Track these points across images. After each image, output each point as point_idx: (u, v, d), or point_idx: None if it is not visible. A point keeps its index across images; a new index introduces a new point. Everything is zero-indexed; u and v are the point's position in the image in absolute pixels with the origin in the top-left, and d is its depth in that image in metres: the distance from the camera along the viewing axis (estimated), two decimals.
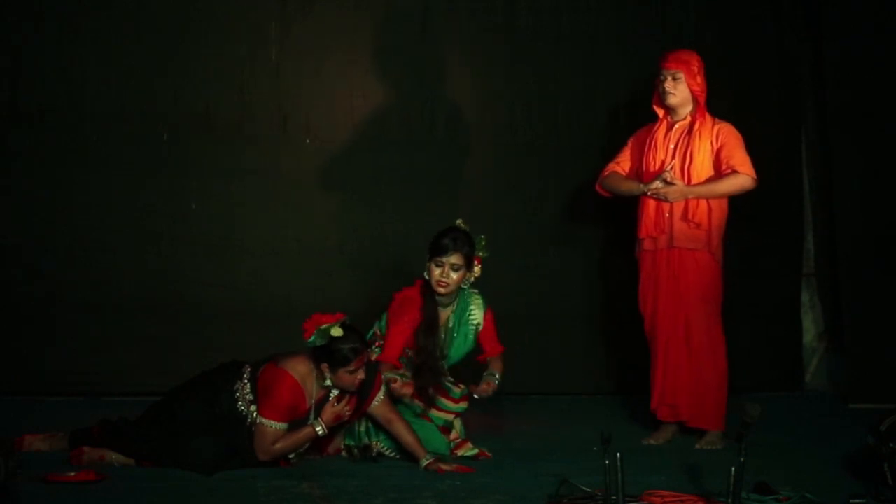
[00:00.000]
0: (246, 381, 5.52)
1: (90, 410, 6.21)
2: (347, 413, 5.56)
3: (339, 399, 5.54)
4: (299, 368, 5.51)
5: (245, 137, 7.47)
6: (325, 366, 5.48)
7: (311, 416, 5.52)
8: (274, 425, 5.41)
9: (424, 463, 5.55)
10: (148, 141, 7.42)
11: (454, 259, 5.84)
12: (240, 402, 5.49)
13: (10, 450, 4.77)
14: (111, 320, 7.35)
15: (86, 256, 7.38)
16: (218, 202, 7.47)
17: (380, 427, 5.73)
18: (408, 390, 5.75)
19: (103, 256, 7.39)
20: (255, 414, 5.45)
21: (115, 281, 7.38)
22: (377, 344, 5.89)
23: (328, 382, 5.50)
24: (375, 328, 5.97)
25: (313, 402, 5.52)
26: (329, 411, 5.50)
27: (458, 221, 5.97)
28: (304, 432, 5.49)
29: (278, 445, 5.45)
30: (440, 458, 5.62)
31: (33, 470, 5.14)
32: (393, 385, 5.70)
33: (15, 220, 7.36)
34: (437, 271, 5.85)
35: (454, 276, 5.86)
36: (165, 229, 7.43)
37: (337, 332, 5.41)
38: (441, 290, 5.86)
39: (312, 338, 5.44)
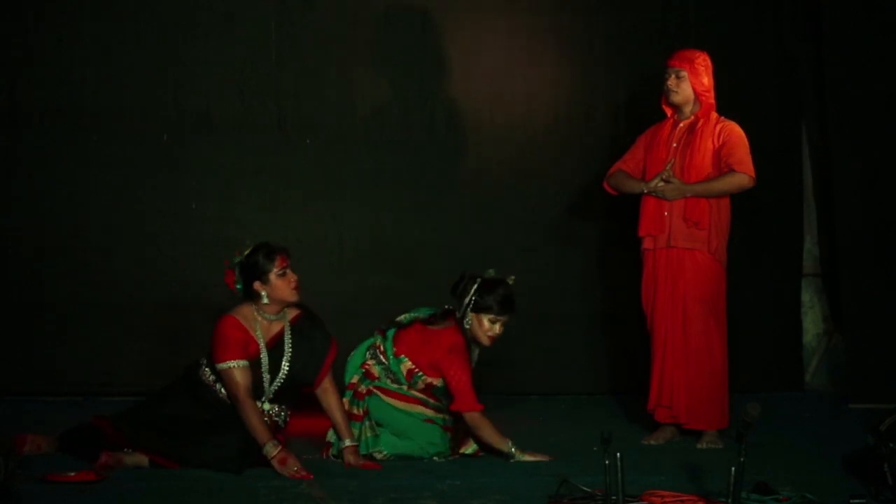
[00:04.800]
0: (205, 367, 5.58)
1: (90, 410, 6.19)
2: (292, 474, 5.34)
3: (297, 462, 5.35)
4: (241, 311, 5.56)
5: (245, 137, 7.48)
6: (256, 284, 5.51)
7: (266, 355, 5.50)
8: (229, 364, 5.43)
9: (343, 446, 5.58)
10: (148, 141, 7.42)
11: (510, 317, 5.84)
12: (211, 386, 5.55)
13: (11, 450, 4.77)
14: (111, 320, 7.35)
15: (85, 256, 7.38)
16: (218, 202, 7.48)
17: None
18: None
19: (103, 256, 7.39)
20: (223, 391, 5.49)
21: (115, 281, 7.39)
22: (381, 350, 5.84)
23: (266, 301, 5.51)
24: (379, 342, 5.86)
25: (264, 340, 5.53)
26: (282, 467, 5.30)
27: (490, 272, 5.87)
28: (262, 435, 5.35)
29: (245, 398, 5.38)
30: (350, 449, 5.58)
31: (33, 470, 5.14)
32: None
33: (15, 220, 7.37)
34: (494, 327, 5.78)
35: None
36: (165, 229, 7.43)
37: (246, 248, 5.56)
38: (489, 344, 5.82)
39: (236, 277, 5.55)
